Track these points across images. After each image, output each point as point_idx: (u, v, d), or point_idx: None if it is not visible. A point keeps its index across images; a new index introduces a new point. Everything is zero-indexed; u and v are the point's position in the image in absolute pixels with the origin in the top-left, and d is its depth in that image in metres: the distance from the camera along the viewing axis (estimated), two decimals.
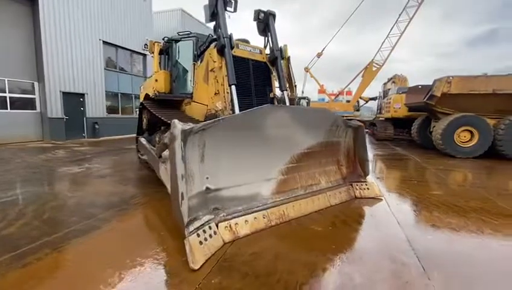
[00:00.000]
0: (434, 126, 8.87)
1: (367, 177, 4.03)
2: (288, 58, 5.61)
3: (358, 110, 23.55)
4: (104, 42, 11.89)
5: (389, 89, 19.90)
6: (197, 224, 2.29)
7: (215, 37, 4.11)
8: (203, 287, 1.79)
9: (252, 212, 2.74)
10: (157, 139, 4.77)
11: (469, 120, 7.77)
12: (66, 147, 8.90)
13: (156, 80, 4.94)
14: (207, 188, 2.57)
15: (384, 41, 21.48)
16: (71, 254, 2.18)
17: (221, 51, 3.62)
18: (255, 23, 4.28)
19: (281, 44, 4.33)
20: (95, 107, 11.46)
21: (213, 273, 1.95)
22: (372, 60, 21.40)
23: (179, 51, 5.03)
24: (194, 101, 4.59)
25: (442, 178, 5.42)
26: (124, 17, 12.71)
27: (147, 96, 5.45)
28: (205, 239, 2.23)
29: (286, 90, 4.18)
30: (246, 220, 2.64)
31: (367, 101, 23.28)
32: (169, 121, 3.94)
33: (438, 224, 2.98)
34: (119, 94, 13.01)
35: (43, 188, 4.15)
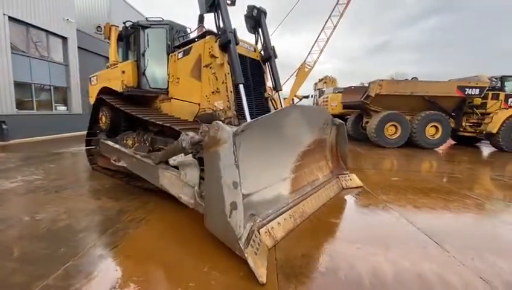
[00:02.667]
0: (367, 122, 10.41)
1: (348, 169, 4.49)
2: None
3: None
4: (11, 18, 9.11)
5: (319, 89, 22.18)
6: (245, 234, 2.12)
7: (206, 30, 3.78)
8: None
9: (281, 214, 2.70)
10: (130, 142, 4.08)
11: (394, 116, 9.45)
12: None
13: (124, 72, 4.18)
14: (242, 194, 2.39)
15: (313, 45, 23.92)
16: None
17: (224, 47, 3.34)
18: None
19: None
20: (0, 102, 8.75)
21: (283, 282, 1.87)
22: (304, 61, 23.53)
23: (148, 40, 4.38)
24: (175, 98, 4.12)
25: (388, 165, 6.50)
26: None
27: (105, 91, 4.57)
28: (257, 249, 2.09)
29: (281, 90, 4.20)
30: (278, 223, 2.59)
31: (301, 99, 25.39)
32: (156, 121, 3.46)
33: (418, 205, 3.59)
34: (33, 85, 10.29)
35: None
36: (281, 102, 4.15)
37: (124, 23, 4.68)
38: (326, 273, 1.98)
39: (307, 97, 24.05)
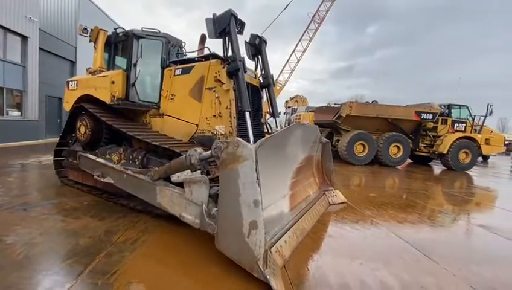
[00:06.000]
0: (338, 140, 11.07)
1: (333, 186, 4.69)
2: None
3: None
4: None
5: (290, 107, 23.11)
6: (262, 254, 2.07)
7: (210, 53, 3.79)
8: None
9: (285, 232, 2.70)
10: (115, 158, 3.75)
11: (362, 136, 10.21)
12: None
13: (113, 82, 3.92)
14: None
15: (285, 66, 25.29)
16: None
17: (232, 74, 3.38)
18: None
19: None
20: None
21: None
22: (276, 80, 24.65)
23: (141, 50, 4.19)
24: (168, 115, 3.97)
25: (362, 181, 6.94)
26: None
27: (85, 98, 4.21)
28: (274, 269, 2.06)
29: (278, 116, 4.31)
30: (285, 241, 2.58)
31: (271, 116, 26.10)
32: (152, 142, 3.27)
33: (399, 220, 3.88)
34: None
35: None
36: (277, 126, 4.27)
37: (114, 29, 4.47)
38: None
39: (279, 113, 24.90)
